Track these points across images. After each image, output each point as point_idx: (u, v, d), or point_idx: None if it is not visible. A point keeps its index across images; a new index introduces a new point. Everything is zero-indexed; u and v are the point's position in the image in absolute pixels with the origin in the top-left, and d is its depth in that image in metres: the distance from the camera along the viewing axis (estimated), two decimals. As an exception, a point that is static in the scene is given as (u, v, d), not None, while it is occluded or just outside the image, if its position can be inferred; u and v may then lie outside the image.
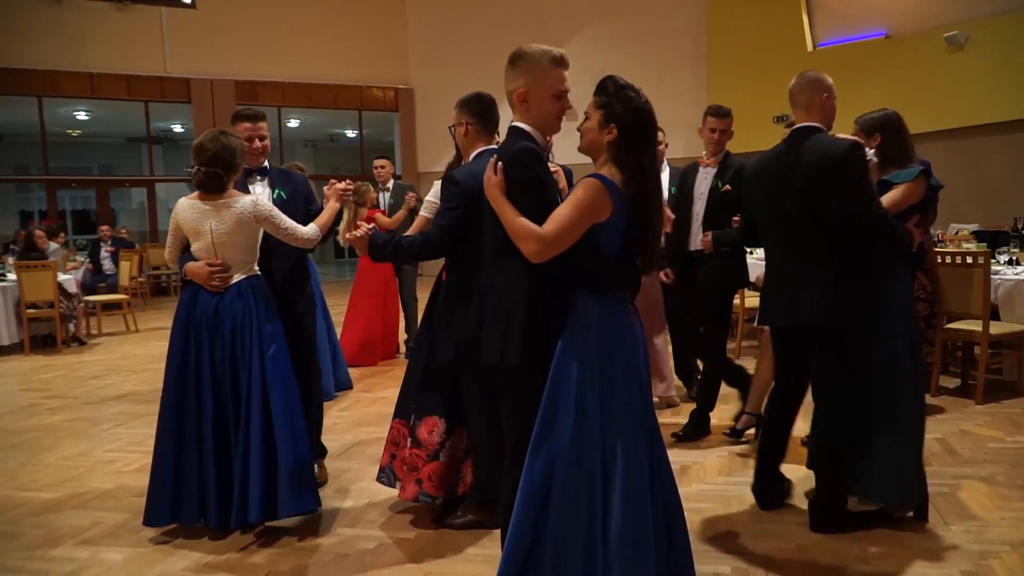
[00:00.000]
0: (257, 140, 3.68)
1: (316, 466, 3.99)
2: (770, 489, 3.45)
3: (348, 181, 3.67)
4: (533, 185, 2.37)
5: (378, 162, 7.31)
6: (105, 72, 13.89)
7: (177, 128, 18.39)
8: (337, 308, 7.06)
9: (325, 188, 3.64)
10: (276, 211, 3.34)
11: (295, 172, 3.93)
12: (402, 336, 7.55)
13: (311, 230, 3.43)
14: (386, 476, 3.54)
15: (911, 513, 3.25)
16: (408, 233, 3.48)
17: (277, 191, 3.74)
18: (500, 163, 2.39)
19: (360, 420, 5.19)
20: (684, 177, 4.61)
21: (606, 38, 14.49)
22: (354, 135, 17.70)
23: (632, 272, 2.36)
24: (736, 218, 4.23)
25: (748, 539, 3.16)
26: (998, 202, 9.81)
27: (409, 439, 3.41)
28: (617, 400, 2.26)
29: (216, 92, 14.51)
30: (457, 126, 3.18)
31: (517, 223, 2.31)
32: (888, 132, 3.31)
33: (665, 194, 4.65)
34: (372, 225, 2.99)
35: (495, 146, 3.20)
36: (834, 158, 2.96)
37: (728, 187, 4.30)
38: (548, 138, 2.57)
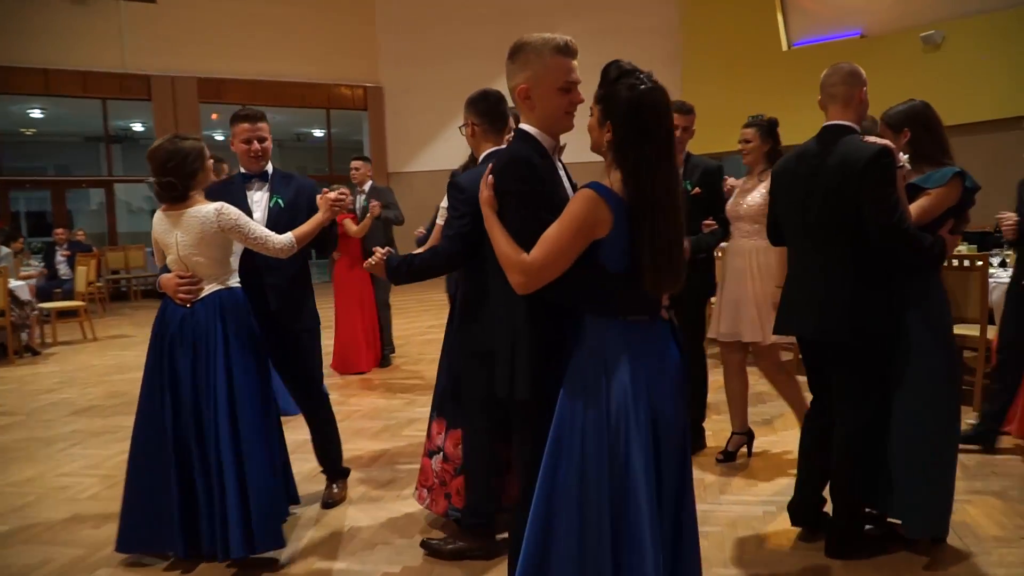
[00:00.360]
0: (256, 142, 3.46)
1: (335, 487, 3.79)
2: (808, 510, 3.19)
3: (341, 191, 3.43)
4: (523, 200, 2.09)
5: (354, 163, 6.99)
6: (60, 68, 13.32)
7: (137, 127, 17.84)
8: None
9: (318, 197, 3.41)
10: (244, 219, 3.12)
11: (302, 177, 3.67)
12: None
13: (285, 239, 3.21)
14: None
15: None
16: (427, 244, 3.32)
17: (275, 198, 3.51)
18: (491, 176, 2.14)
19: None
20: None
21: (579, 36, 13.89)
22: (321, 134, 17.29)
23: (645, 291, 2.05)
24: (708, 221, 4.01)
25: (758, 565, 2.96)
26: (975, 203, 9.80)
27: (440, 453, 3.26)
28: (627, 441, 1.98)
29: (178, 89, 14.02)
30: (464, 126, 3.01)
31: (502, 251, 2.06)
32: (917, 126, 3.03)
33: None
34: (387, 249, 2.83)
35: (505, 146, 3.02)
36: (855, 165, 2.75)
37: (698, 189, 4.07)
38: (560, 141, 2.28)
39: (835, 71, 2.94)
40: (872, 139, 2.82)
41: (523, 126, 2.22)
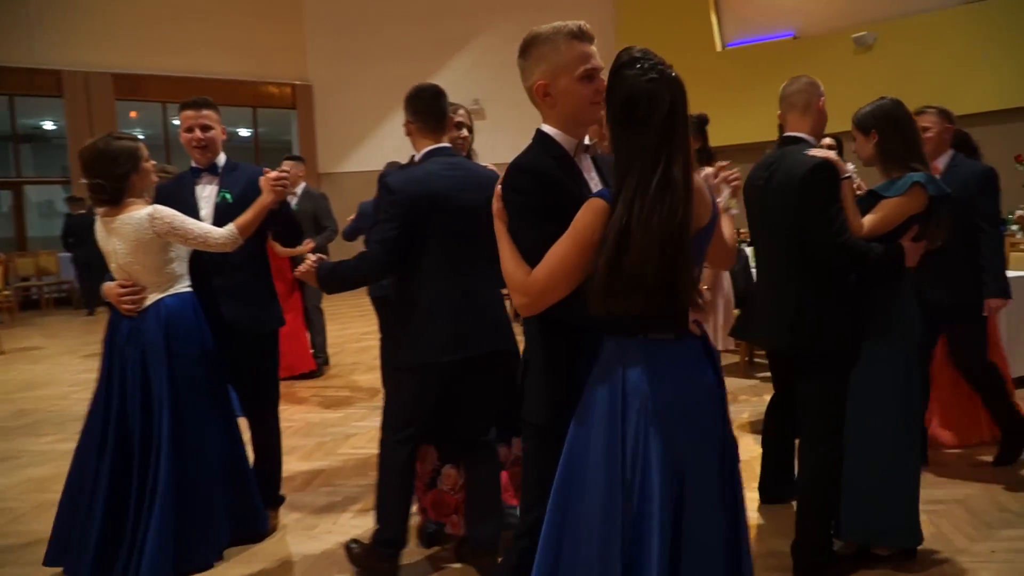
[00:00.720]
0: (198, 130, 3.20)
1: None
2: (774, 487, 3.47)
3: (283, 168, 3.17)
4: (525, 212, 1.89)
5: (285, 164, 6.61)
6: (-38, 62, 12.48)
7: (48, 125, 16.85)
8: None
9: (260, 179, 3.17)
10: (179, 220, 2.93)
11: (253, 167, 3.40)
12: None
13: (226, 232, 3.01)
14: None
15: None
16: None
17: (222, 193, 3.25)
18: (499, 186, 1.96)
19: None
20: None
21: (512, 35, 13.76)
22: (248, 134, 16.67)
23: (665, 306, 1.80)
24: None
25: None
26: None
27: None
28: (644, 473, 1.75)
29: (92, 86, 13.23)
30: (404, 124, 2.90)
31: (505, 268, 1.87)
32: (885, 127, 2.87)
33: None
34: (318, 256, 2.75)
35: (446, 144, 2.80)
36: (793, 180, 2.70)
37: None
38: (592, 138, 2.04)
39: (794, 81, 2.96)
40: (815, 151, 2.74)
41: (542, 127, 2.01)
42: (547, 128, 1.99)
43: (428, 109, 2.82)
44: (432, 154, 2.82)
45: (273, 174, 3.13)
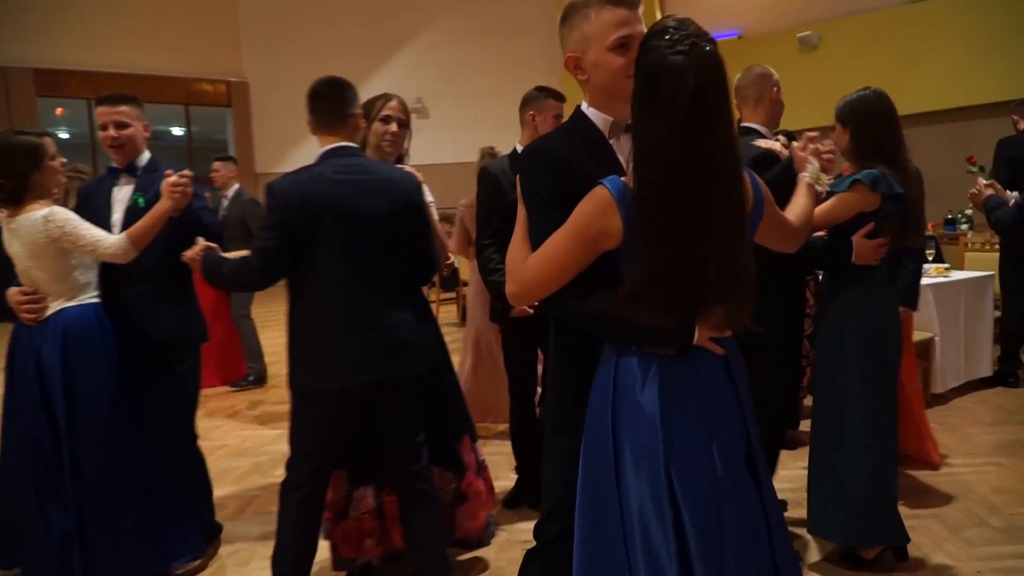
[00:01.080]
0: (112, 128, 2.96)
1: None
2: None
3: (183, 172, 2.87)
4: (531, 198, 1.74)
5: (214, 164, 6.24)
6: None
7: (-35, 123, 16.02)
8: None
9: (161, 184, 2.90)
10: (72, 224, 2.71)
11: (178, 170, 3.09)
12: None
13: (115, 241, 2.78)
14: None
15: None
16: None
17: (135, 197, 2.99)
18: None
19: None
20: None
21: (458, 31, 13.81)
22: (181, 132, 16.06)
23: (664, 319, 1.57)
24: None
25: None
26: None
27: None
28: (629, 498, 1.57)
29: (10, 82, 12.47)
30: None
31: (509, 253, 1.72)
32: (860, 120, 2.77)
33: None
34: (207, 245, 2.59)
35: (348, 143, 2.54)
36: None
37: None
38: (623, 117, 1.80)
39: (746, 74, 2.99)
40: (761, 143, 2.75)
41: (580, 105, 1.84)
42: (583, 106, 1.81)
43: (319, 106, 2.55)
44: (329, 155, 2.51)
45: (172, 178, 2.84)
